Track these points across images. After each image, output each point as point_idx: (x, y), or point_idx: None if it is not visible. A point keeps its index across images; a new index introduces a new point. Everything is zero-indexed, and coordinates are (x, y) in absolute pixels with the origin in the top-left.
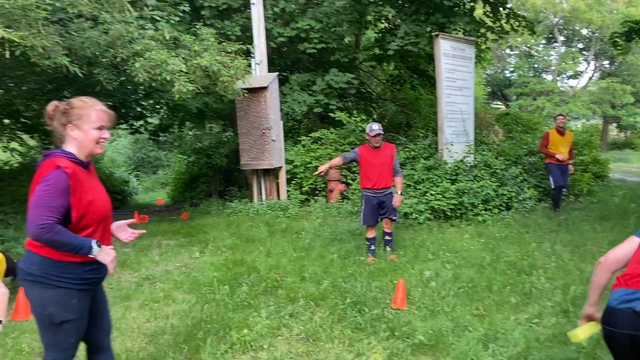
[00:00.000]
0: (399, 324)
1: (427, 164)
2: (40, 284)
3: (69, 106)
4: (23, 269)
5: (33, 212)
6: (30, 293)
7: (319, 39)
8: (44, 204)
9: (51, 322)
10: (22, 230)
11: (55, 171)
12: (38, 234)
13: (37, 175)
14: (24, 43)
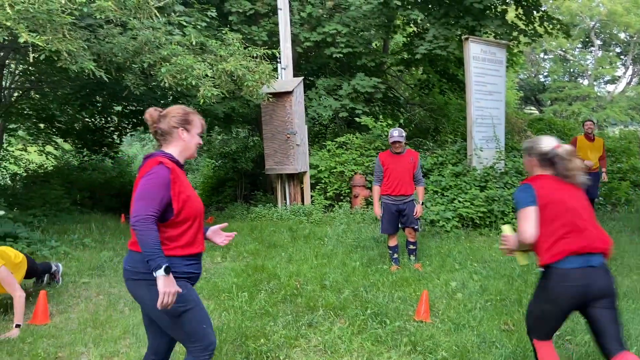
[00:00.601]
0: (421, 338)
1: (455, 170)
2: (146, 281)
3: (182, 111)
4: (127, 269)
5: (137, 204)
6: (139, 292)
7: (345, 43)
8: (147, 196)
9: (172, 316)
10: (49, 233)
11: (158, 166)
12: (135, 224)
13: (140, 173)
14: (48, 47)
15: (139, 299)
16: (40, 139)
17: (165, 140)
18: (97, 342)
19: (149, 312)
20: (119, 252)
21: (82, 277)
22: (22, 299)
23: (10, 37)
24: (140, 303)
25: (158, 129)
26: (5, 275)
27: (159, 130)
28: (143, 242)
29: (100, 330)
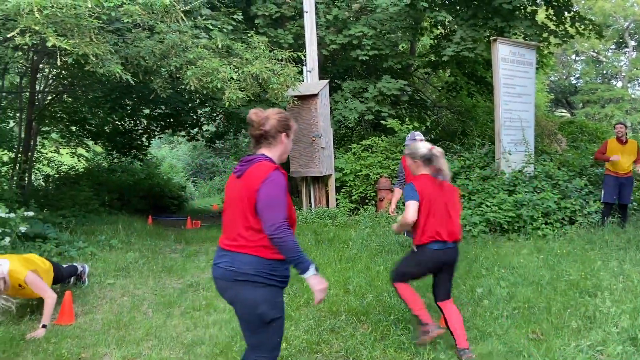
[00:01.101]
0: (445, 346)
1: (483, 174)
2: (252, 283)
3: (285, 115)
4: (233, 271)
5: (269, 213)
6: (242, 293)
7: (371, 45)
8: (276, 204)
9: (261, 322)
10: (78, 234)
11: (275, 172)
12: (275, 234)
13: (252, 177)
14: (75, 51)
15: (238, 299)
16: (72, 142)
17: (268, 143)
18: (120, 344)
19: (245, 312)
20: (144, 253)
21: (107, 278)
22: (53, 301)
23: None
24: (237, 303)
25: (264, 132)
26: (33, 280)
27: (264, 134)
28: (286, 248)
29: (123, 331)
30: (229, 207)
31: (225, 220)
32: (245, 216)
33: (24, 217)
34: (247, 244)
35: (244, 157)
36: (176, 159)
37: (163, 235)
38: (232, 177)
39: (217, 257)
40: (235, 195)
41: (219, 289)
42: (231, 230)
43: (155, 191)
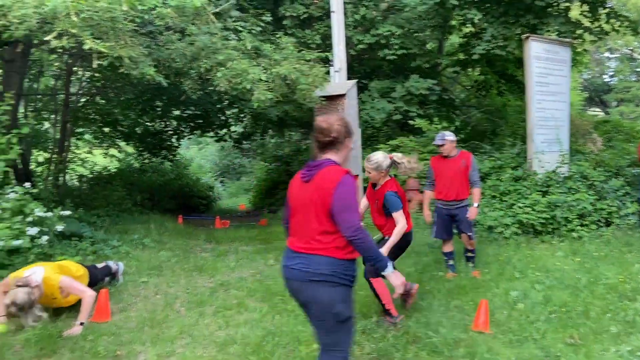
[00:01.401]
0: (479, 350)
1: (515, 174)
2: (328, 282)
3: (348, 122)
4: (309, 272)
5: (346, 215)
6: (318, 293)
7: (399, 45)
8: (352, 207)
9: (337, 321)
10: (112, 233)
11: (347, 176)
12: (354, 236)
13: (325, 181)
14: (111, 53)
15: (314, 300)
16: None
17: (336, 149)
18: (155, 342)
19: (321, 312)
20: (176, 252)
21: (141, 276)
22: (91, 299)
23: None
24: (313, 304)
25: (333, 138)
26: (69, 283)
27: (334, 140)
28: (366, 248)
29: (157, 329)
30: (297, 210)
31: (295, 224)
32: (319, 219)
33: (61, 216)
34: (322, 246)
35: (310, 162)
36: (204, 159)
37: (193, 234)
38: (297, 181)
39: (288, 259)
40: (305, 199)
41: (293, 290)
42: (303, 233)
43: (185, 191)
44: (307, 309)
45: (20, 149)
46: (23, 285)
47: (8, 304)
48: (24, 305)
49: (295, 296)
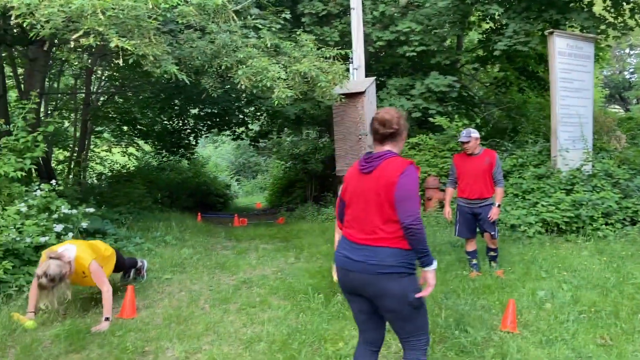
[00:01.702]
0: (509, 350)
1: (538, 172)
2: (397, 274)
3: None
4: (376, 264)
5: (408, 204)
6: (389, 286)
7: (419, 41)
8: (413, 197)
9: (412, 309)
10: (134, 230)
11: (411, 166)
12: (413, 224)
13: (388, 171)
14: (136, 52)
15: (386, 293)
16: (123, 141)
17: (395, 141)
18: (181, 338)
19: (395, 304)
20: (197, 249)
21: (165, 273)
22: (109, 294)
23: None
24: (384, 297)
25: (395, 130)
26: (95, 269)
27: (395, 132)
28: (421, 239)
29: (183, 326)
30: (356, 202)
31: (353, 215)
32: (383, 209)
33: (85, 214)
34: (387, 236)
35: (369, 154)
36: (220, 157)
37: (213, 232)
38: (354, 173)
39: (349, 251)
40: (366, 190)
41: (358, 283)
42: (364, 224)
43: (202, 189)
44: (375, 301)
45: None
46: (56, 257)
47: (40, 274)
48: (55, 277)
49: (358, 289)
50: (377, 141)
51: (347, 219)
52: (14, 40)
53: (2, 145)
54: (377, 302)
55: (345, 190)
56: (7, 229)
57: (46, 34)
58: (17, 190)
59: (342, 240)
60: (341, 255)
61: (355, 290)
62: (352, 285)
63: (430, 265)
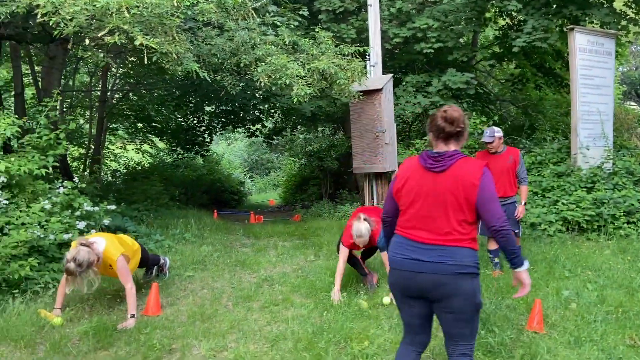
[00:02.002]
0: (539, 350)
1: (557, 170)
2: (472, 274)
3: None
4: (454, 264)
5: (495, 206)
6: (464, 286)
7: (436, 38)
8: (496, 198)
9: (476, 309)
10: (154, 227)
11: (486, 168)
12: (504, 227)
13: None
14: (160, 49)
15: (457, 291)
16: (138, 138)
17: (458, 140)
18: (207, 336)
19: (465, 303)
20: (217, 247)
21: (186, 270)
22: (133, 291)
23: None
24: (456, 296)
25: (462, 129)
26: (122, 266)
27: (461, 130)
28: (511, 241)
29: (208, 323)
30: (423, 201)
31: (417, 215)
32: (460, 210)
33: (107, 211)
34: (462, 237)
35: (435, 153)
36: (232, 154)
37: (231, 229)
38: (416, 171)
39: (416, 252)
40: (438, 190)
41: (428, 284)
42: (434, 224)
43: (217, 186)
44: (442, 302)
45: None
46: (86, 245)
47: (69, 258)
48: (83, 263)
49: (424, 291)
50: (442, 139)
51: (407, 219)
52: (34, 38)
53: (25, 143)
54: (445, 302)
55: (400, 189)
56: (32, 226)
57: (70, 32)
58: (41, 188)
59: (401, 242)
60: (405, 257)
61: (422, 293)
62: (418, 287)
63: (522, 266)
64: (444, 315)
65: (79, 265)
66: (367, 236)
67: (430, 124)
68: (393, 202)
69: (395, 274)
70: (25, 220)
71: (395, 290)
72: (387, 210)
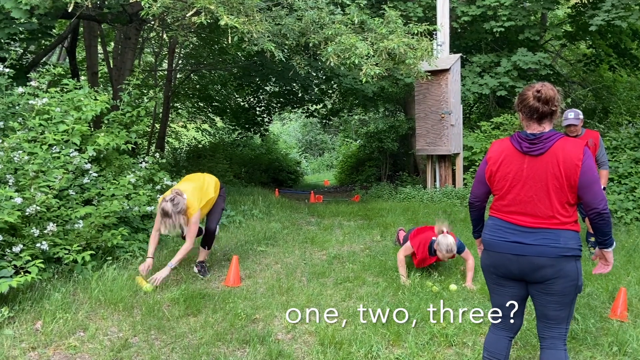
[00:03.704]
0: (626, 339)
1: (635, 156)
2: (575, 257)
3: None
4: (560, 247)
5: (597, 188)
6: (568, 268)
7: (507, 16)
8: (599, 180)
9: (576, 292)
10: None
11: (587, 148)
12: (605, 209)
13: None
14: (242, 29)
15: (562, 273)
16: (199, 117)
17: (552, 120)
18: (285, 308)
19: (567, 286)
20: (285, 224)
21: (259, 245)
22: (188, 250)
23: (212, 20)
24: (560, 278)
25: (556, 107)
26: (195, 222)
27: (555, 110)
28: (609, 223)
29: (285, 297)
30: (523, 185)
31: (517, 199)
32: (562, 192)
33: None
34: (567, 220)
35: (530, 134)
36: (287, 135)
37: (296, 207)
38: (512, 154)
39: (518, 235)
40: (540, 173)
41: (531, 266)
42: (536, 207)
43: (275, 165)
44: (545, 285)
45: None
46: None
47: (166, 199)
48: (179, 204)
49: (526, 274)
50: (535, 120)
51: (506, 203)
52: (114, 19)
53: (111, 120)
54: (547, 284)
55: (494, 173)
56: (120, 198)
57: (156, 12)
58: (127, 162)
59: (500, 225)
60: (505, 240)
61: (522, 275)
62: (520, 270)
63: (612, 246)
64: (543, 297)
65: (175, 205)
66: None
67: (520, 104)
68: (485, 186)
69: (493, 256)
70: (114, 192)
71: (491, 273)
72: (476, 195)
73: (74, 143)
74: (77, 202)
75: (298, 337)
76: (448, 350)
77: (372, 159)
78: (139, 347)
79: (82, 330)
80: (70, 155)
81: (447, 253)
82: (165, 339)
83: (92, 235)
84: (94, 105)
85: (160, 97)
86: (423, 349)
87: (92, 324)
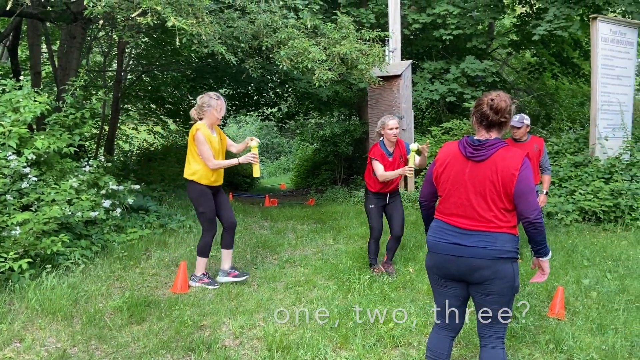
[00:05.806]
0: (563, 336)
1: (575, 160)
2: (511, 259)
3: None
4: (496, 249)
5: (531, 198)
6: (503, 270)
7: (456, 24)
8: (534, 190)
9: (513, 293)
10: (175, 208)
11: (527, 159)
12: (537, 219)
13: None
14: (190, 31)
15: (498, 274)
16: (150, 120)
17: (501, 130)
18: (234, 314)
19: (504, 287)
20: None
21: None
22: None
23: (158, 21)
24: (496, 280)
25: (506, 118)
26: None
27: (506, 121)
28: (543, 232)
29: (235, 302)
30: (462, 189)
31: (457, 202)
32: (500, 198)
33: (130, 190)
34: (504, 224)
35: (476, 140)
36: (243, 138)
37: (249, 211)
38: (456, 158)
39: (457, 237)
40: (478, 179)
41: (468, 268)
42: (474, 211)
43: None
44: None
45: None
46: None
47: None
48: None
49: (464, 275)
50: (484, 127)
51: (447, 206)
52: (57, 17)
53: (52, 122)
54: (484, 285)
55: (440, 175)
56: (61, 203)
57: (100, 12)
58: (69, 166)
59: (441, 227)
60: (445, 242)
61: (461, 276)
62: (458, 271)
63: (547, 255)
64: (482, 297)
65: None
66: None
67: (475, 109)
68: (432, 186)
69: (435, 257)
70: (54, 197)
71: (434, 274)
72: (424, 194)
73: (10, 146)
74: (14, 207)
75: (245, 343)
76: (394, 351)
77: (327, 162)
78: (78, 357)
79: (18, 341)
80: (7, 158)
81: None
82: (106, 349)
83: (30, 242)
84: (33, 107)
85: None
86: (370, 351)
87: (29, 335)
